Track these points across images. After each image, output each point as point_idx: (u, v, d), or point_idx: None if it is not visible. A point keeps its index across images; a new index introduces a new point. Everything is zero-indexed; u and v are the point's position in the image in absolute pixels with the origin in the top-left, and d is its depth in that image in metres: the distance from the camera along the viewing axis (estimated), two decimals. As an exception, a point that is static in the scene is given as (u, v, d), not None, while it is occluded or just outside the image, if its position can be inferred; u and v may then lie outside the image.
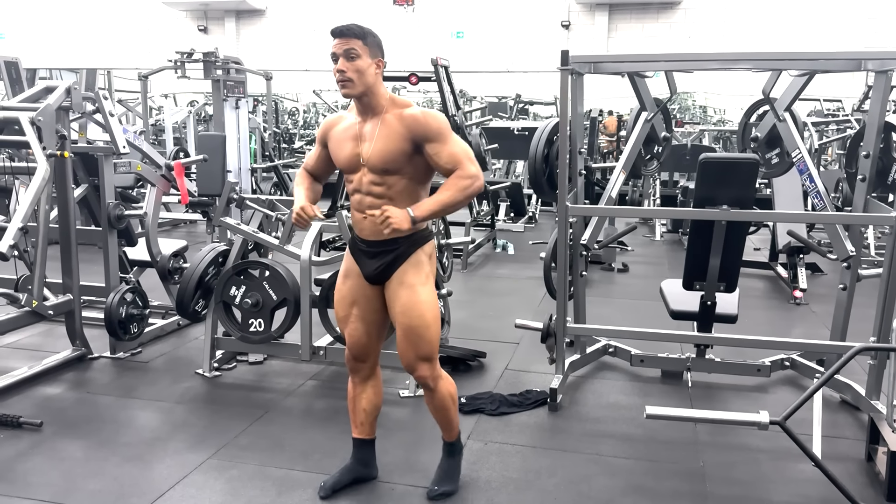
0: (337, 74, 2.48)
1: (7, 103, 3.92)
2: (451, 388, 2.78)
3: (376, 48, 2.53)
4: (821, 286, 6.36)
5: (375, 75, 2.52)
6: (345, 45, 2.47)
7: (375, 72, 2.52)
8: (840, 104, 11.31)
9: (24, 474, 2.99)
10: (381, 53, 2.55)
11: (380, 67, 2.54)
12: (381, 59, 2.54)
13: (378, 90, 2.54)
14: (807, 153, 3.81)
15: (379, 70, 2.53)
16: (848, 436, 3.46)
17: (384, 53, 2.57)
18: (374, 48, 2.52)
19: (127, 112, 13.09)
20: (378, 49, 2.53)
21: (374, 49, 2.52)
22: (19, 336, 4.61)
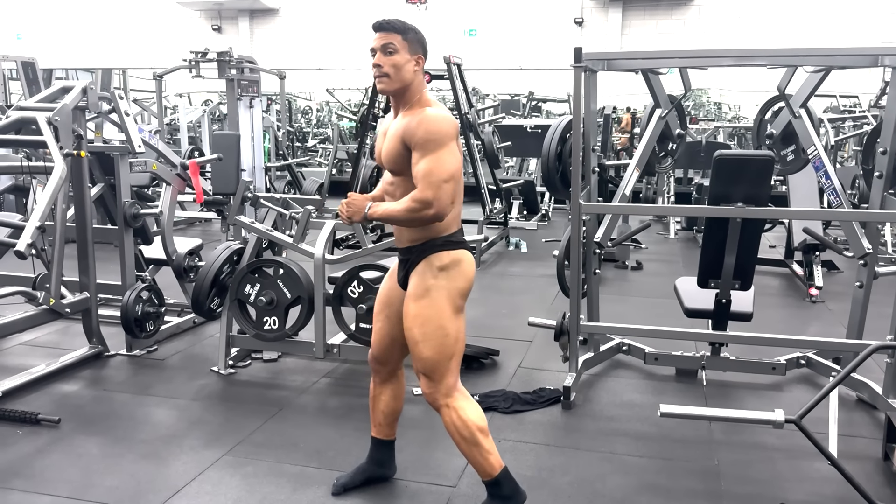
0: (374, 70, 2.43)
1: (24, 103, 3.96)
2: (458, 420, 2.49)
3: (417, 45, 2.45)
4: (837, 284, 6.31)
5: (414, 72, 2.44)
6: (384, 40, 2.41)
7: (415, 69, 2.44)
8: (857, 100, 11.21)
9: (43, 470, 3.02)
10: (422, 50, 2.47)
11: (419, 65, 2.46)
12: (422, 56, 2.47)
13: (414, 88, 2.46)
14: (822, 150, 3.79)
15: (419, 67, 2.46)
16: (864, 435, 3.43)
17: (426, 51, 2.49)
18: (415, 44, 2.44)
19: (142, 112, 13.19)
20: (419, 46, 2.46)
21: (415, 45, 2.44)
22: (37, 334, 4.66)
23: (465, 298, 2.52)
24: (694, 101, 16.36)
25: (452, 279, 2.45)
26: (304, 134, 14.09)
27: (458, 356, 2.52)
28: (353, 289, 3.87)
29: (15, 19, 14.19)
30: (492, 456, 2.52)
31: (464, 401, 2.53)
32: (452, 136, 2.39)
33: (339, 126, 11.18)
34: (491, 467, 2.52)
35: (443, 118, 2.38)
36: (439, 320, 2.45)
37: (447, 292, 2.45)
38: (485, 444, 2.50)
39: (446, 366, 2.49)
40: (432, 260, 2.46)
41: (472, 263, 2.53)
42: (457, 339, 2.49)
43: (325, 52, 12.40)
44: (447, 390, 2.51)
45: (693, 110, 15.39)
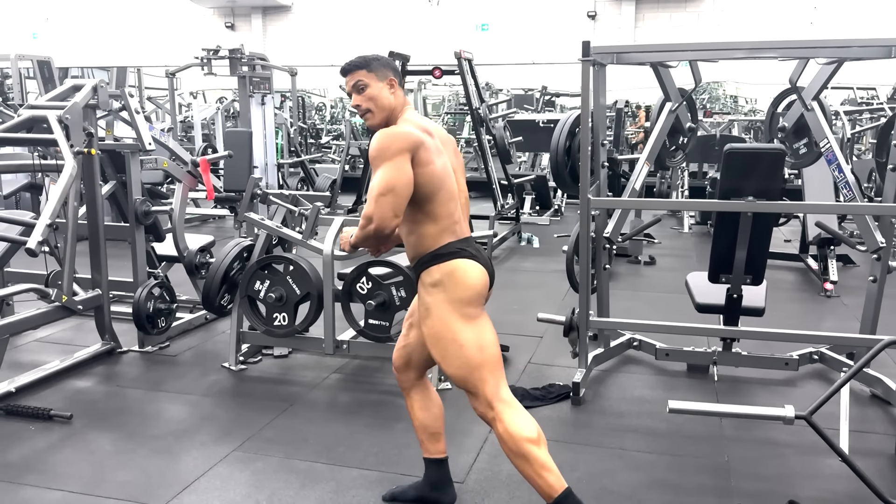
0: (357, 111, 2.46)
1: (35, 102, 3.99)
2: (505, 433, 2.35)
3: (385, 69, 2.44)
4: (853, 278, 6.24)
5: (392, 95, 2.44)
6: (352, 80, 2.43)
7: (390, 92, 2.44)
8: (874, 92, 11.06)
9: (55, 466, 3.05)
10: (391, 72, 2.45)
11: (394, 86, 2.45)
12: (393, 76, 2.45)
13: (398, 111, 2.46)
14: (835, 143, 3.74)
15: (394, 89, 2.45)
16: (878, 430, 3.39)
17: (397, 70, 2.49)
18: (382, 69, 2.44)
19: (157, 109, 13.28)
20: (388, 69, 2.45)
21: (383, 71, 2.43)
22: (51, 330, 4.71)
23: (474, 305, 2.40)
24: (710, 94, 16.23)
25: (450, 291, 2.37)
26: (317, 130, 14.13)
27: (488, 364, 2.39)
28: (362, 285, 3.88)
29: (31, 19, 14.32)
30: (549, 474, 2.33)
31: (509, 412, 2.38)
32: (399, 150, 2.28)
33: (352, 123, 11.19)
34: (549, 487, 2.32)
35: (389, 133, 2.32)
36: (450, 334, 2.37)
37: (448, 305, 2.37)
38: (538, 458, 2.32)
39: (477, 377, 2.38)
40: (424, 278, 2.43)
41: (468, 270, 2.39)
42: (480, 348, 2.38)
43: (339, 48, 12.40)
44: (488, 401, 2.38)
45: (709, 104, 15.26)
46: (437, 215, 2.39)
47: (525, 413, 2.43)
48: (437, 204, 2.38)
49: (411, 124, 2.40)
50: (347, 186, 10.44)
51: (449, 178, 2.42)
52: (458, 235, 2.44)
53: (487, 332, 2.44)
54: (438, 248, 2.41)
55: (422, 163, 2.33)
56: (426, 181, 2.34)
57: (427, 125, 2.46)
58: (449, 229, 2.42)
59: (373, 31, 11.32)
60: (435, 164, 2.36)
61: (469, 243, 2.47)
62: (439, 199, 2.38)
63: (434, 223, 2.40)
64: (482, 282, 2.43)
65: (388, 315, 3.85)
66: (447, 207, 2.41)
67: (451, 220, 2.42)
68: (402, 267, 3.82)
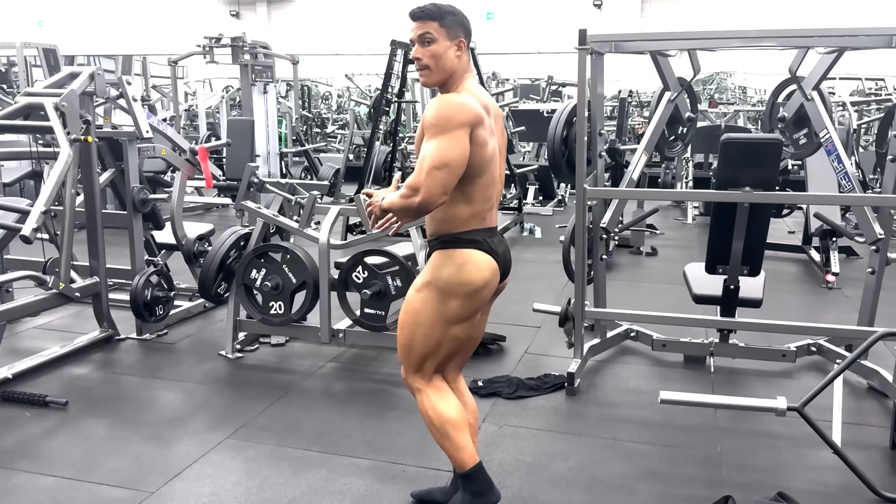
0: (415, 63, 2.31)
1: (33, 89, 3.99)
2: (430, 409, 2.41)
3: (457, 27, 2.27)
4: (855, 270, 6.19)
5: (457, 58, 2.27)
6: (420, 30, 2.26)
7: (456, 54, 2.27)
8: (882, 83, 10.97)
9: (49, 451, 3.07)
10: (463, 32, 2.28)
11: (461, 49, 2.27)
12: (464, 38, 2.28)
13: (457, 75, 2.29)
14: (835, 133, 3.70)
15: (461, 52, 2.27)
16: (873, 423, 3.37)
17: (469, 31, 2.31)
18: (454, 28, 2.26)
19: (161, 98, 13.28)
20: (460, 28, 2.27)
21: (455, 29, 2.26)
22: (51, 317, 4.73)
23: (468, 302, 2.33)
24: (718, 84, 16.11)
25: (449, 280, 2.30)
26: (323, 120, 14.11)
27: (432, 358, 2.40)
28: (358, 274, 3.88)
29: (37, 6, 14.34)
30: (464, 451, 2.40)
31: (435, 394, 2.43)
32: (461, 123, 2.16)
33: (356, 112, 11.17)
34: (462, 461, 2.41)
35: (453, 102, 2.19)
36: (418, 316, 2.36)
37: (440, 293, 2.32)
38: (455, 439, 2.39)
39: (415, 361, 2.41)
40: (436, 256, 2.35)
41: (482, 266, 2.31)
42: (438, 344, 2.37)
43: (344, 36, 12.37)
44: (419, 380, 2.45)
45: (717, 94, 15.16)
46: (473, 198, 2.29)
47: (452, 397, 2.47)
48: (477, 187, 2.28)
49: (472, 96, 2.25)
50: (351, 176, 10.42)
51: (495, 162, 2.32)
52: (486, 223, 2.35)
53: (459, 329, 2.39)
54: (462, 231, 2.32)
55: (478, 142, 2.22)
56: (477, 163, 2.24)
57: (486, 100, 2.31)
58: (480, 215, 2.32)
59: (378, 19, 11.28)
60: (488, 146, 2.26)
61: (493, 234, 2.38)
62: (481, 182, 2.28)
63: (468, 205, 2.30)
64: (485, 282, 2.33)
65: (383, 304, 3.85)
66: (486, 192, 2.31)
67: (485, 206, 2.33)
68: (398, 257, 3.82)
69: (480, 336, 2.60)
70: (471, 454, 2.42)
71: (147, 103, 12.45)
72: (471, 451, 2.43)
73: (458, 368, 2.61)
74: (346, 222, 7.20)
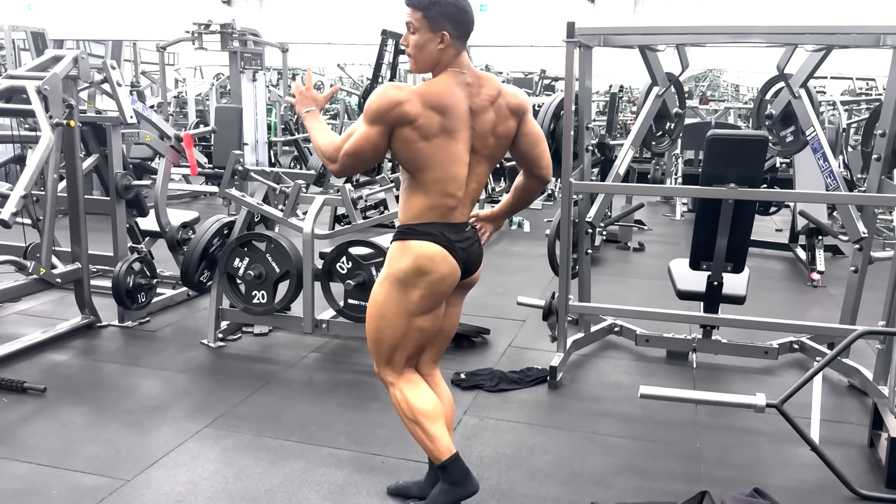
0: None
1: (15, 72, 3.95)
2: (403, 401, 2.42)
3: (442, 19, 2.20)
4: (841, 268, 6.19)
5: (439, 52, 2.23)
6: (408, 17, 2.24)
7: (439, 47, 2.22)
8: (873, 82, 10.99)
9: (25, 438, 3.05)
10: (450, 25, 2.21)
11: (445, 42, 2.22)
12: (449, 31, 2.21)
13: (441, 69, 2.26)
14: (821, 131, 3.71)
15: (444, 45, 2.22)
16: (853, 421, 3.39)
17: (458, 22, 2.23)
18: (438, 20, 2.20)
19: (151, 84, 13.18)
20: (445, 20, 2.21)
21: (439, 21, 2.20)
22: (32, 303, 4.70)
23: (427, 293, 2.31)
24: (710, 81, 16.12)
25: (407, 271, 2.30)
26: (314, 109, 13.99)
27: (405, 348, 2.40)
28: (342, 264, 3.86)
29: (26, -11, 14.20)
30: (438, 442, 2.39)
31: (407, 386, 2.44)
32: (375, 117, 2.19)
33: (346, 102, 11.12)
34: (438, 452, 2.40)
35: (381, 94, 2.20)
36: (382, 308, 2.36)
37: (399, 283, 2.32)
38: (430, 431, 2.39)
39: (384, 354, 2.42)
40: (396, 247, 2.36)
41: (436, 259, 2.29)
42: (405, 335, 2.37)
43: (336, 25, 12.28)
44: (389, 373, 2.45)
45: (709, 91, 15.17)
46: (428, 191, 2.28)
47: (425, 389, 2.47)
48: (429, 181, 2.27)
49: (422, 92, 2.21)
50: (341, 166, 10.38)
51: (447, 162, 2.25)
52: (448, 218, 2.32)
53: (423, 321, 2.37)
54: (418, 223, 2.31)
55: (405, 138, 2.21)
56: (412, 157, 2.24)
57: (445, 99, 2.22)
58: (439, 209, 2.30)
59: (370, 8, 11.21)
60: (432, 142, 2.22)
61: (456, 230, 2.34)
62: (432, 176, 2.26)
63: (424, 197, 2.29)
64: (441, 275, 2.31)
65: (367, 295, 3.77)
66: (444, 187, 2.28)
67: (446, 201, 2.30)
68: (383, 248, 3.79)
69: (453, 328, 2.57)
70: (446, 445, 2.41)
71: (136, 89, 12.37)
72: (446, 443, 2.41)
73: (433, 361, 2.59)
74: (333, 212, 7.17)
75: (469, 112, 2.27)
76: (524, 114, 2.39)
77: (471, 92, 2.28)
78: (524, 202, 2.65)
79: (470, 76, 2.29)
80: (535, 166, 2.48)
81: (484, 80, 2.31)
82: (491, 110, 2.30)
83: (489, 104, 2.29)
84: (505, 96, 2.33)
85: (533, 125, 2.43)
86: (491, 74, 2.39)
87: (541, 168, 2.48)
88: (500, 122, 2.33)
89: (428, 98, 2.21)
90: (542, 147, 2.46)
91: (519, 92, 2.40)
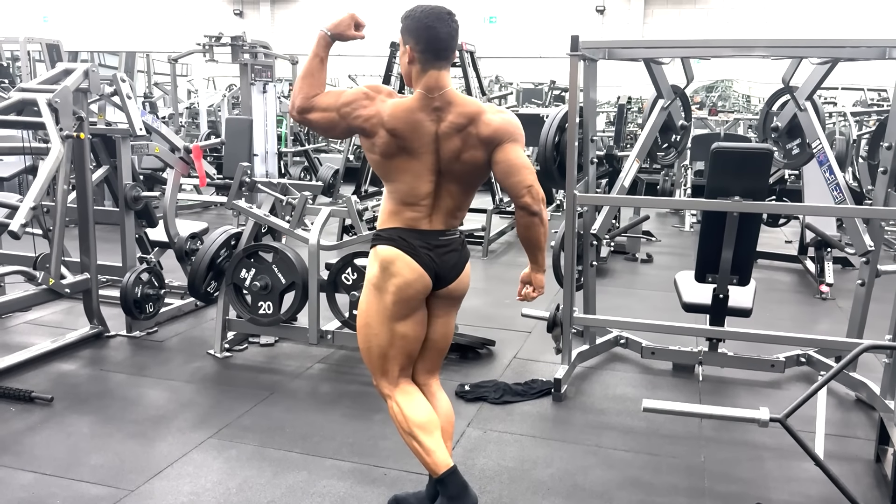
0: None
1: (27, 85, 4.00)
2: (399, 414, 2.43)
3: (405, 33, 2.27)
4: (850, 281, 6.13)
5: (408, 66, 2.30)
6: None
7: (406, 62, 2.29)
8: (885, 93, 10.94)
9: (31, 447, 3.07)
10: (411, 39, 2.26)
11: (409, 56, 2.27)
12: (411, 46, 2.26)
13: (415, 87, 2.29)
14: (827, 144, 3.70)
15: (410, 62, 2.28)
16: (859, 436, 3.36)
17: (418, 38, 2.25)
18: (404, 34, 2.28)
19: (164, 95, 13.30)
20: (408, 34, 2.26)
21: (404, 36, 2.28)
22: (42, 313, 4.74)
23: (398, 298, 2.34)
24: (721, 92, 16.10)
25: (378, 276, 2.36)
26: (325, 120, 14.05)
27: (395, 356, 2.42)
28: (347, 276, 3.88)
29: (42, 2, 14.37)
30: (435, 455, 2.38)
31: (403, 397, 2.45)
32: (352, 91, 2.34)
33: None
34: (435, 465, 2.39)
35: (365, 85, 2.37)
36: (366, 317, 2.42)
37: (375, 289, 2.38)
38: (425, 443, 2.39)
39: (377, 363, 2.45)
40: (370, 253, 2.43)
41: (398, 264, 2.33)
42: (390, 343, 2.39)
43: (347, 38, 12.31)
44: (386, 384, 2.47)
45: (720, 102, 15.14)
46: (392, 199, 2.37)
47: (421, 401, 2.47)
48: (392, 191, 2.37)
49: (389, 113, 2.26)
50: (350, 176, 10.42)
51: (409, 178, 2.31)
52: (412, 225, 2.36)
53: (403, 327, 2.39)
54: (384, 228, 2.40)
55: (367, 148, 2.34)
56: (375, 167, 2.38)
57: (402, 125, 2.26)
58: (402, 216, 2.36)
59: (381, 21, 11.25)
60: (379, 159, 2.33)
61: (425, 237, 2.35)
62: (392, 188, 2.36)
63: (390, 203, 2.38)
64: (405, 280, 2.33)
65: (372, 306, 3.83)
66: (404, 197, 2.34)
67: (408, 209, 2.35)
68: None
69: (443, 340, 2.56)
70: (443, 458, 2.40)
71: (149, 100, 12.49)
72: (443, 456, 2.41)
73: (428, 371, 2.59)
74: (341, 223, 7.20)
75: (435, 135, 2.29)
76: (498, 143, 2.30)
77: (438, 117, 2.29)
78: (525, 238, 2.46)
79: (440, 100, 2.28)
80: (513, 195, 2.36)
81: (455, 107, 2.29)
82: (457, 137, 2.29)
83: (455, 131, 2.29)
84: (479, 125, 2.28)
85: (510, 154, 2.30)
86: (472, 100, 2.36)
87: (518, 198, 2.34)
88: (466, 149, 2.31)
89: (390, 122, 2.27)
90: (518, 177, 2.32)
91: (499, 121, 2.31)
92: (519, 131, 2.34)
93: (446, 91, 2.28)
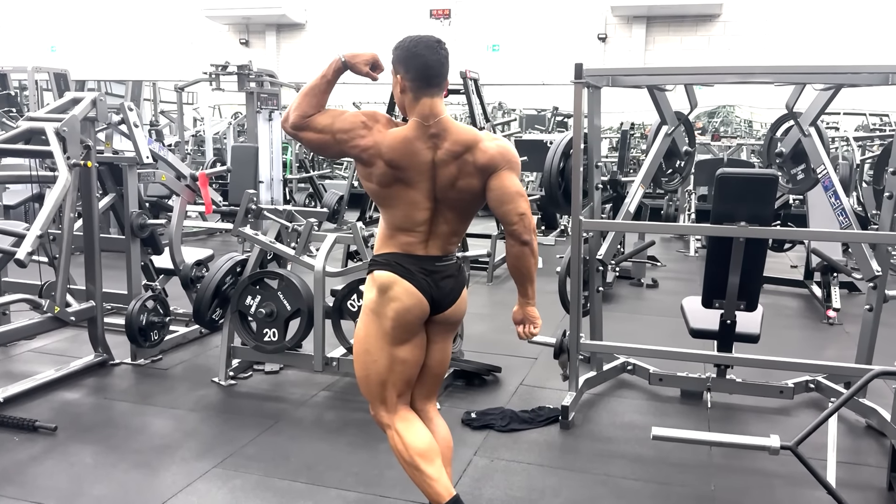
0: None
1: (35, 114, 4.03)
2: (400, 444, 2.42)
3: (396, 62, 2.29)
4: (857, 306, 6.12)
5: (400, 94, 2.30)
6: None
7: (399, 90, 2.30)
8: (887, 118, 10.98)
9: (34, 478, 3.05)
10: (401, 67, 2.27)
11: (400, 84, 2.29)
12: (400, 74, 2.28)
13: (409, 115, 2.30)
14: (832, 169, 3.70)
15: (401, 91, 2.29)
16: (871, 463, 3.32)
17: (408, 65, 2.26)
18: (394, 63, 2.30)
19: (170, 123, 13.41)
20: (398, 62, 2.29)
21: (395, 65, 2.30)
22: (46, 341, 4.73)
23: (395, 322, 2.34)
24: (724, 118, 16.19)
25: (375, 301, 2.37)
26: (328, 146, 14.13)
27: (393, 383, 2.41)
28: (353, 302, 3.87)
29: (49, 32, 14.52)
30: (437, 484, 2.36)
31: (402, 425, 2.44)
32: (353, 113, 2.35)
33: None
34: (437, 495, 2.36)
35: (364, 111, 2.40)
36: (364, 343, 2.41)
37: (372, 314, 2.38)
38: (427, 471, 2.36)
39: (375, 391, 2.44)
40: (367, 279, 2.44)
41: (394, 289, 2.33)
42: (389, 368, 2.39)
43: (351, 66, 12.42)
44: (385, 413, 2.46)
45: (722, 127, 15.21)
46: (388, 224, 2.39)
47: (420, 428, 2.46)
48: (387, 217, 2.40)
49: (386, 144, 2.27)
50: (354, 202, 10.47)
51: (405, 206, 2.32)
52: (407, 250, 2.36)
53: (402, 352, 2.39)
54: (380, 253, 2.41)
55: (363, 176, 2.35)
56: (372, 194, 2.38)
57: (399, 154, 2.27)
58: (397, 241, 2.37)
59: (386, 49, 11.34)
60: (375, 188, 2.34)
61: (417, 262, 2.35)
62: (388, 214, 2.39)
63: (386, 228, 2.40)
64: (403, 305, 2.33)
65: (377, 333, 3.82)
66: (399, 223, 2.36)
67: (403, 235, 2.36)
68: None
69: (440, 366, 2.55)
70: (445, 487, 2.38)
71: (155, 128, 12.59)
72: (445, 484, 2.38)
73: (427, 397, 2.58)
74: (346, 249, 7.19)
75: (432, 162, 2.30)
76: (494, 171, 2.30)
77: (435, 144, 2.29)
78: (516, 269, 2.44)
79: (436, 128, 2.28)
80: (505, 223, 2.35)
81: (451, 134, 2.29)
82: (453, 165, 2.29)
83: (452, 159, 2.29)
84: (475, 153, 2.28)
85: (505, 181, 2.30)
86: (468, 127, 2.36)
87: (510, 225, 2.33)
88: (462, 177, 2.30)
89: (388, 153, 2.28)
90: (510, 206, 2.31)
91: (496, 148, 2.31)
92: (515, 159, 2.34)
93: (442, 118, 2.29)
